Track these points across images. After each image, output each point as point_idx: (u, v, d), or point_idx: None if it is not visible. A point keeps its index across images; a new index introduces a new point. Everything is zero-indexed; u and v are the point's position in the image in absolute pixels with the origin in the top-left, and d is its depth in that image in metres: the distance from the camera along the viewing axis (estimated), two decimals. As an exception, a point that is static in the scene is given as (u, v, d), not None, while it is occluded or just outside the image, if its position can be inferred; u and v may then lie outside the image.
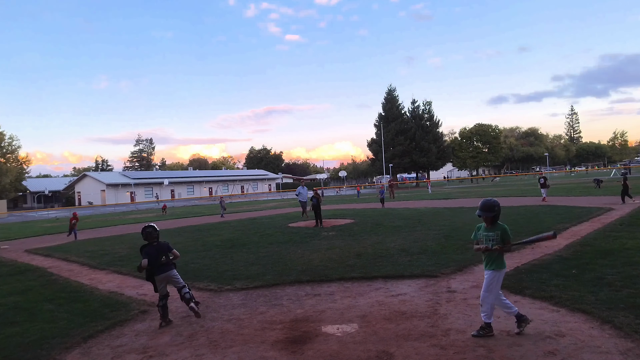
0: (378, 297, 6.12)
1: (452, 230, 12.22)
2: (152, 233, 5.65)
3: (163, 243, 5.70)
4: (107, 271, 9.61)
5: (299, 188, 21.18)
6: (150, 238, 5.64)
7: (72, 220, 17.94)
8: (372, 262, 8.49)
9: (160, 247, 5.64)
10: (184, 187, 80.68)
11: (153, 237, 5.63)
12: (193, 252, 11.30)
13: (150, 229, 5.67)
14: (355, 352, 4.24)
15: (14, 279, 9.36)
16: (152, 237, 5.63)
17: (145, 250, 5.60)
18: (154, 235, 5.64)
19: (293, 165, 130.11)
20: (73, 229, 17.75)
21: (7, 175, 60.08)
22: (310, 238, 12.61)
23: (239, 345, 4.64)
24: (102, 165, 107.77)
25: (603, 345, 3.97)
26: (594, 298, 5.25)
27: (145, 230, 5.68)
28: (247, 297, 6.63)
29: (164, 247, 5.66)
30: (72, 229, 17.75)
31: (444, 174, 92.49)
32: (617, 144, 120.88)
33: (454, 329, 4.68)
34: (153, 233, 5.65)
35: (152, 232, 5.66)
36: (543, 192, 21.45)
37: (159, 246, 5.64)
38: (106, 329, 5.43)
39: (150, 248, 5.62)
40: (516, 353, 3.95)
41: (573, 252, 8.03)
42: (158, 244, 5.65)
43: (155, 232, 5.67)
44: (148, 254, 5.54)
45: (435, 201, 26.69)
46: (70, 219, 18.22)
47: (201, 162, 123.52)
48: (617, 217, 12.71)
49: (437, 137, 68.77)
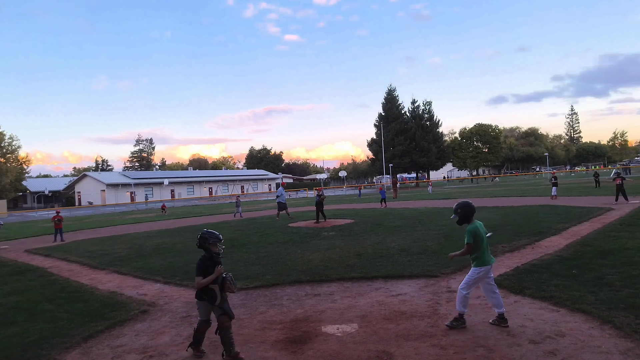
0: (378, 297, 6.12)
1: (452, 230, 12.21)
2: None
3: (197, 261, 4.34)
4: (107, 271, 9.61)
5: (280, 189, 21.39)
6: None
7: (55, 219, 16.86)
8: (372, 262, 8.49)
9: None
10: (184, 187, 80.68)
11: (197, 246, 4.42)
12: (193, 252, 11.29)
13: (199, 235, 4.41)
14: (355, 352, 4.24)
15: (14, 279, 9.36)
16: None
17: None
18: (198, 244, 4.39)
19: (293, 165, 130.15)
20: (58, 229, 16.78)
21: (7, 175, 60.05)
22: (310, 238, 12.60)
23: (239, 345, 4.64)
24: (102, 165, 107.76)
25: (603, 345, 3.97)
26: (594, 298, 5.25)
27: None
28: (247, 297, 6.63)
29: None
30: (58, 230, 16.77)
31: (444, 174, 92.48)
32: (617, 144, 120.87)
33: (454, 329, 4.68)
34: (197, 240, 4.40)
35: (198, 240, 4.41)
36: (554, 190, 21.56)
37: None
38: (106, 329, 5.42)
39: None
40: (516, 353, 3.95)
41: (573, 252, 8.03)
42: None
43: (197, 240, 4.41)
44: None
45: (435, 201, 26.68)
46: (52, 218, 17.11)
47: (201, 162, 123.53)
48: (617, 217, 12.71)
49: (437, 137, 68.74)
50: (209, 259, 4.24)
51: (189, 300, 6.68)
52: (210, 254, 4.25)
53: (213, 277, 4.15)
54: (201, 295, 4.26)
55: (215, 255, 4.24)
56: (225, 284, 4.17)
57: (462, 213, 4.74)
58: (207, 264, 4.22)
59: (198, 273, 4.21)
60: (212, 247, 4.25)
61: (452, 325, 4.66)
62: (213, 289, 4.18)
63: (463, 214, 4.74)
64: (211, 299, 4.19)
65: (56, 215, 17.22)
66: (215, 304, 4.20)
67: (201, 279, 4.17)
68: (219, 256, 4.26)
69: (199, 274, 4.20)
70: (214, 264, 4.22)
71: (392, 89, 69.15)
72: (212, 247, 4.25)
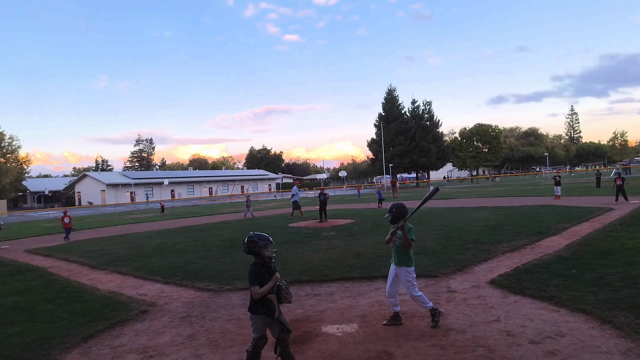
0: (378, 297, 6.12)
1: (452, 230, 12.23)
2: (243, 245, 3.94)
3: (250, 268, 3.87)
4: (107, 271, 9.61)
5: (295, 188, 21.46)
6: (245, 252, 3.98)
7: (65, 219, 17.25)
8: (372, 262, 8.49)
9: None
10: (184, 187, 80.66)
11: (245, 252, 3.94)
12: (193, 252, 11.31)
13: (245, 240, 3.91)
14: (355, 352, 4.24)
15: (14, 279, 9.36)
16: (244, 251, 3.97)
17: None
18: (244, 249, 3.94)
19: (293, 165, 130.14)
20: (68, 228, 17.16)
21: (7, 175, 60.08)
22: (310, 238, 12.60)
23: (239, 345, 4.64)
24: (102, 165, 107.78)
25: (603, 345, 3.97)
26: (594, 298, 5.25)
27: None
28: (247, 297, 6.58)
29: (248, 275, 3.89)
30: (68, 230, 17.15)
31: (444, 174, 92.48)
32: (617, 144, 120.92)
33: (454, 329, 4.68)
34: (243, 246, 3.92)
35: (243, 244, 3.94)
36: (557, 190, 21.55)
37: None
38: (106, 329, 5.42)
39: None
40: (516, 353, 3.95)
41: (573, 252, 8.03)
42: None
43: (243, 246, 3.90)
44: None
45: (435, 201, 26.67)
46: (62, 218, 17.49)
47: (201, 162, 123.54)
48: (617, 217, 12.71)
49: (437, 137, 68.74)
50: (261, 265, 3.78)
51: (189, 300, 6.68)
52: (263, 259, 3.77)
53: (271, 286, 3.70)
54: (257, 308, 3.76)
55: (267, 260, 3.79)
56: (282, 294, 3.75)
57: (396, 212, 4.94)
58: (262, 270, 3.76)
59: (253, 282, 3.70)
60: (263, 251, 3.77)
61: (435, 322, 4.78)
62: (271, 300, 3.73)
63: (397, 213, 4.93)
64: (270, 312, 3.73)
65: (64, 215, 17.50)
66: (275, 317, 3.76)
67: (258, 288, 3.67)
68: (271, 261, 3.82)
69: (254, 283, 3.69)
70: (267, 270, 3.78)
71: (392, 89, 69.19)
72: (263, 251, 3.77)
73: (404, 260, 4.92)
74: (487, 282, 6.48)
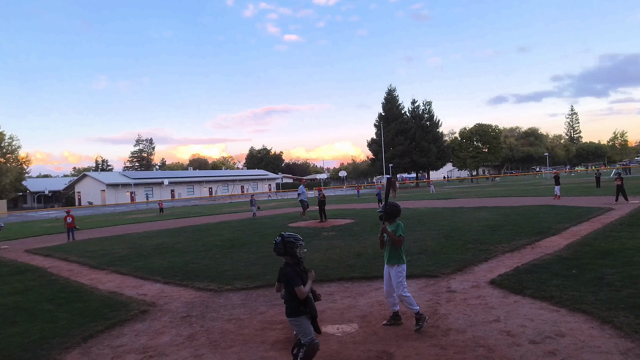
0: (378, 297, 6.12)
1: (452, 230, 12.22)
2: (275, 247, 3.84)
3: (287, 269, 3.75)
4: (107, 271, 9.61)
5: (301, 187, 21.43)
6: (276, 254, 3.87)
7: (67, 219, 17.35)
8: (372, 262, 8.49)
9: (282, 272, 3.80)
10: (184, 187, 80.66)
11: (278, 253, 3.84)
12: (193, 252, 11.31)
13: (277, 240, 3.83)
14: (355, 352, 4.24)
15: (14, 279, 9.36)
16: (277, 252, 3.85)
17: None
18: (277, 251, 3.83)
19: (293, 165, 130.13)
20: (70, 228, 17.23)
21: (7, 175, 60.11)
22: (310, 238, 12.60)
23: (239, 345, 4.64)
24: (102, 165, 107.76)
25: (603, 345, 3.97)
26: (594, 298, 5.25)
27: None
28: (247, 297, 6.63)
29: (284, 275, 3.75)
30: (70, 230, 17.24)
31: (444, 174, 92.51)
32: (617, 144, 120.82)
33: (454, 329, 4.68)
34: (275, 247, 3.83)
35: (275, 245, 3.84)
36: (557, 189, 21.53)
37: (282, 271, 3.81)
38: (106, 329, 5.42)
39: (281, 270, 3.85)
40: (516, 353, 3.95)
41: (573, 252, 8.03)
42: (284, 267, 3.81)
43: (276, 248, 3.81)
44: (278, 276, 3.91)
45: (435, 201, 26.68)
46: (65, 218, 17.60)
47: (201, 162, 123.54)
48: (617, 217, 12.71)
49: (437, 137, 68.75)
50: (296, 264, 3.75)
51: (188, 300, 6.68)
52: (297, 259, 3.76)
53: (311, 284, 3.67)
54: (300, 308, 3.65)
55: (300, 259, 3.78)
56: (315, 292, 3.76)
57: (388, 210, 4.89)
58: (299, 270, 3.71)
59: (298, 282, 3.59)
60: (297, 251, 3.76)
61: (419, 327, 4.70)
62: (311, 299, 3.71)
63: (388, 211, 4.89)
64: (313, 310, 3.70)
65: (67, 215, 17.59)
66: (317, 316, 3.72)
67: (303, 287, 3.60)
68: (302, 260, 3.81)
69: (299, 282, 3.59)
70: (301, 269, 3.75)
71: (392, 89, 69.18)
72: (297, 251, 3.76)
73: (393, 258, 4.88)
74: (487, 282, 6.48)
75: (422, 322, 4.74)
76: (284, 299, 3.74)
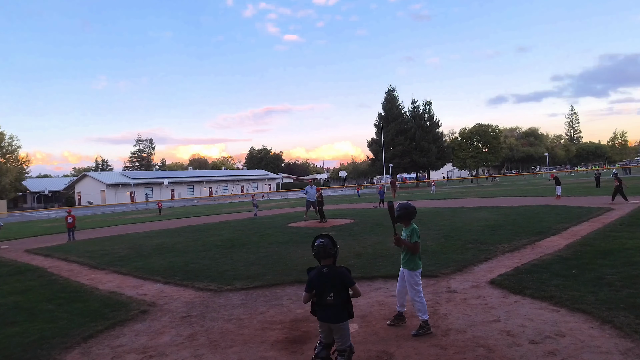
0: (378, 297, 6.12)
1: (452, 230, 12.22)
2: (323, 249, 3.61)
3: (339, 270, 3.59)
4: (107, 271, 9.61)
5: (307, 187, 21.46)
6: (319, 256, 3.65)
7: (68, 219, 17.43)
8: (372, 262, 8.49)
9: (331, 275, 3.57)
10: (184, 187, 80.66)
11: (325, 255, 3.62)
12: (193, 252, 11.31)
13: (325, 241, 3.63)
14: (355, 352, 4.24)
15: (14, 279, 9.36)
16: (323, 254, 3.63)
17: (310, 275, 3.69)
18: (326, 252, 3.61)
19: (293, 165, 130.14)
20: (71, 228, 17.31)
21: (7, 175, 60.11)
22: (310, 238, 12.58)
23: (239, 345, 4.64)
24: (102, 165, 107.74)
25: (603, 345, 3.97)
26: (594, 298, 5.25)
27: (315, 243, 3.70)
28: (247, 297, 6.63)
29: (337, 277, 3.55)
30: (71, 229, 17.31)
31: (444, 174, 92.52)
32: (617, 144, 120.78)
33: (454, 329, 4.68)
34: (324, 249, 3.60)
35: (322, 247, 3.61)
36: (558, 189, 21.51)
37: (330, 274, 3.58)
38: (106, 329, 5.42)
39: (315, 273, 3.64)
40: (516, 353, 3.95)
41: (573, 252, 8.03)
42: (329, 269, 3.60)
43: (327, 249, 3.60)
44: (311, 282, 3.64)
45: (436, 201, 26.67)
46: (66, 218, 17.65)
47: (201, 162, 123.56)
48: (617, 217, 12.71)
49: (437, 137, 68.78)
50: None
51: (189, 300, 6.68)
52: (334, 261, 3.70)
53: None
54: (352, 311, 3.57)
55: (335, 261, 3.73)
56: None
57: (405, 213, 4.87)
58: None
59: (352, 281, 3.53)
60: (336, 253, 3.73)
61: (419, 333, 4.57)
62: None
63: (402, 214, 4.86)
64: (352, 313, 3.67)
65: (68, 214, 17.63)
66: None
67: (357, 286, 3.57)
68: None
69: (353, 281, 3.54)
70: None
71: (392, 89, 69.22)
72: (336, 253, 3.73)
73: (409, 263, 4.84)
74: (487, 282, 6.48)
75: (422, 331, 4.59)
76: (332, 304, 3.51)
